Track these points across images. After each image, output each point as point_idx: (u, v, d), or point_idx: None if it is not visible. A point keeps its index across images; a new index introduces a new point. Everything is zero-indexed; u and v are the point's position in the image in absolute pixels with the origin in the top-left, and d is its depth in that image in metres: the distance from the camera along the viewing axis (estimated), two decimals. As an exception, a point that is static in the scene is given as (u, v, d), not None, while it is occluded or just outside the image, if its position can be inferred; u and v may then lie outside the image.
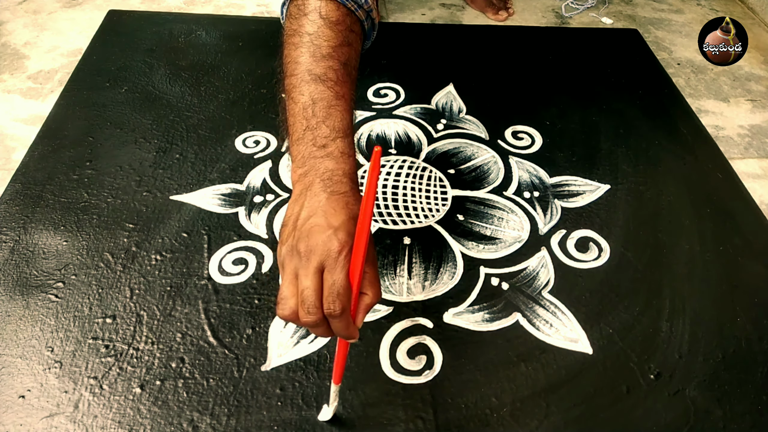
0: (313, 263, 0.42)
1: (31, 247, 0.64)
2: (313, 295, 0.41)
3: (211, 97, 0.87)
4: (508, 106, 0.91)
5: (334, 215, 0.44)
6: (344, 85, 0.53)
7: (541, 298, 0.64)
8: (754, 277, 0.68)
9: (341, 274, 0.41)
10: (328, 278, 0.41)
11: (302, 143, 0.49)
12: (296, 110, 0.51)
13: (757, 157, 0.87)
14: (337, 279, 0.41)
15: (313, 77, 0.52)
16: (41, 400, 0.52)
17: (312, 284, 0.41)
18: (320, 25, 0.54)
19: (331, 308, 0.41)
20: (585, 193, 0.77)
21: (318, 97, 0.51)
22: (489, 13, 1.14)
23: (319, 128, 0.49)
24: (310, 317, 0.41)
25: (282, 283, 0.43)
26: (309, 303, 0.41)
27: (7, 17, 1.04)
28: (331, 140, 0.49)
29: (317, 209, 0.44)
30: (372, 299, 0.43)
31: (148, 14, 1.05)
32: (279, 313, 0.43)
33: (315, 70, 0.52)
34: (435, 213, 0.72)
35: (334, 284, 0.41)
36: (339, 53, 0.54)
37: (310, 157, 0.48)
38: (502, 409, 0.54)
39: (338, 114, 0.50)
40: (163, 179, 0.73)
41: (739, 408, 0.56)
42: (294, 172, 0.50)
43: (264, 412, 0.52)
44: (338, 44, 0.54)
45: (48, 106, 0.84)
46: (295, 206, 0.46)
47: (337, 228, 0.42)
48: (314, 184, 0.46)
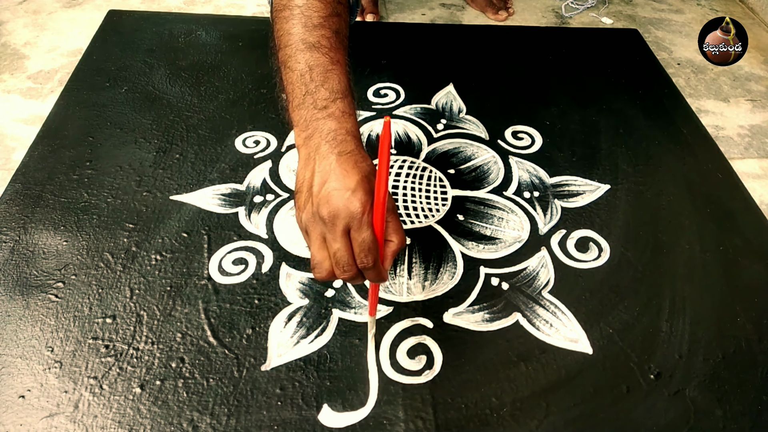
0: (340, 227, 0.45)
1: (31, 247, 0.64)
2: (345, 254, 0.45)
3: (211, 97, 0.87)
4: (508, 106, 0.91)
5: (348, 177, 0.45)
6: (338, 51, 0.55)
7: (541, 298, 0.64)
8: (754, 277, 0.68)
9: (368, 232, 0.44)
10: (356, 237, 0.45)
11: (303, 108, 0.51)
12: (294, 78, 0.53)
13: (757, 157, 0.87)
14: (366, 236, 0.44)
15: (308, 45, 0.54)
16: (41, 400, 0.52)
17: (342, 245, 0.45)
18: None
19: (364, 262, 0.45)
20: (585, 193, 0.77)
21: (314, 63, 0.53)
22: (489, 13, 1.14)
23: (318, 92, 0.51)
24: (347, 274, 0.46)
25: (312, 248, 0.47)
26: (344, 262, 0.45)
27: (7, 17, 1.04)
28: (332, 101, 0.51)
29: (329, 173, 0.46)
30: (397, 245, 0.47)
31: (148, 14, 1.05)
32: (317, 276, 0.47)
33: (309, 39, 0.54)
34: (435, 213, 0.72)
35: (363, 241, 0.44)
36: (330, 22, 0.56)
37: (312, 120, 0.50)
38: (502, 409, 0.54)
39: (335, 77, 0.52)
40: (163, 179, 0.73)
41: (739, 408, 0.56)
42: (298, 136, 0.51)
43: (264, 412, 0.52)
44: (328, 14, 0.57)
45: (48, 106, 0.84)
46: (306, 171, 0.48)
47: (354, 189, 0.45)
48: (320, 146, 0.48)
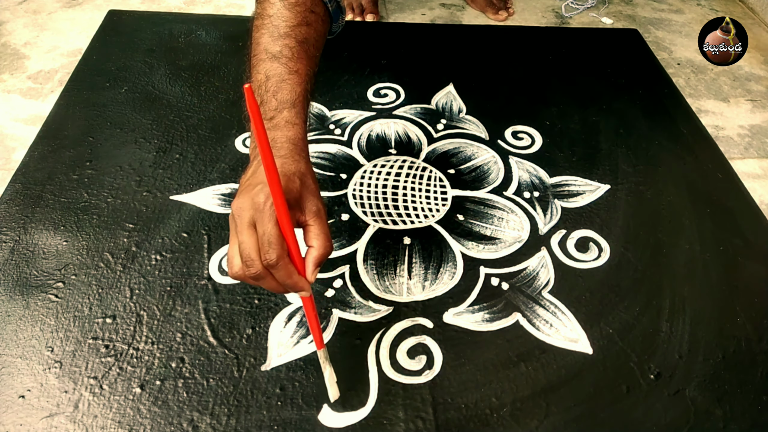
0: (245, 219, 0.43)
1: (31, 247, 0.64)
2: (248, 247, 0.43)
3: (211, 97, 0.87)
4: (508, 106, 0.91)
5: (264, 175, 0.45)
6: (299, 61, 0.55)
7: (541, 298, 0.64)
8: (754, 277, 0.68)
9: (269, 224, 0.42)
10: (259, 230, 0.43)
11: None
12: (253, 88, 0.54)
13: (757, 157, 0.87)
14: (267, 228, 0.42)
15: (269, 56, 0.55)
16: (41, 400, 0.52)
17: (247, 238, 0.43)
18: (279, 8, 0.58)
19: (267, 257, 0.42)
20: (585, 193, 0.77)
21: (272, 73, 0.54)
22: (489, 13, 1.14)
23: (269, 102, 0.52)
24: (251, 270, 0.43)
25: (229, 245, 0.46)
26: (246, 256, 0.43)
27: (7, 17, 1.04)
28: (278, 112, 0.51)
29: (255, 173, 0.47)
30: (319, 251, 0.44)
31: (148, 14, 1.05)
32: (230, 272, 0.45)
33: (271, 49, 0.56)
34: (435, 213, 0.72)
35: (264, 234, 0.42)
36: (296, 32, 0.57)
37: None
38: (502, 409, 0.54)
39: (288, 87, 0.53)
40: (163, 179, 0.73)
41: (739, 408, 0.56)
42: (250, 145, 0.53)
43: (264, 412, 0.52)
44: (296, 24, 0.58)
45: (48, 106, 0.84)
46: (243, 175, 0.50)
47: (265, 183, 0.43)
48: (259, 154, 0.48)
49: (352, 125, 0.84)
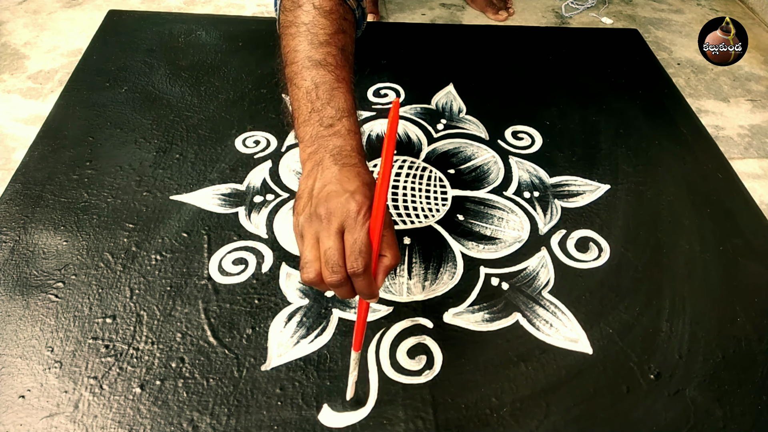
0: (334, 225, 0.43)
1: (31, 247, 0.64)
2: (336, 254, 0.43)
3: (211, 97, 0.87)
4: (508, 106, 0.91)
5: (348, 182, 0.45)
6: (343, 69, 0.56)
7: (541, 298, 0.64)
8: (754, 277, 0.68)
9: (362, 233, 0.43)
10: (349, 238, 0.43)
11: (309, 124, 0.52)
12: (300, 95, 0.54)
13: (757, 157, 0.87)
14: (359, 237, 0.43)
15: (314, 63, 0.55)
16: (41, 400, 0.52)
17: (335, 244, 0.43)
18: (315, 15, 0.57)
19: (354, 266, 0.42)
20: (585, 193, 0.77)
21: (320, 80, 0.53)
22: (489, 13, 1.14)
23: (324, 109, 0.52)
24: (334, 276, 0.43)
25: (303, 248, 0.45)
26: (333, 262, 0.43)
27: (7, 17, 1.04)
28: (337, 119, 0.51)
29: (331, 179, 0.46)
30: (391, 260, 0.45)
31: (148, 14, 1.05)
32: (304, 277, 0.44)
33: (315, 56, 0.55)
34: (435, 213, 0.72)
35: (355, 242, 0.43)
36: (335, 40, 0.57)
37: (318, 137, 0.50)
38: (502, 409, 0.54)
39: (341, 95, 0.53)
40: (163, 179, 0.73)
41: (739, 408, 0.56)
42: (303, 151, 0.52)
43: (264, 412, 0.52)
44: (334, 31, 0.57)
45: (48, 106, 0.84)
46: (308, 180, 0.48)
47: (353, 192, 0.44)
48: (324, 159, 0.48)
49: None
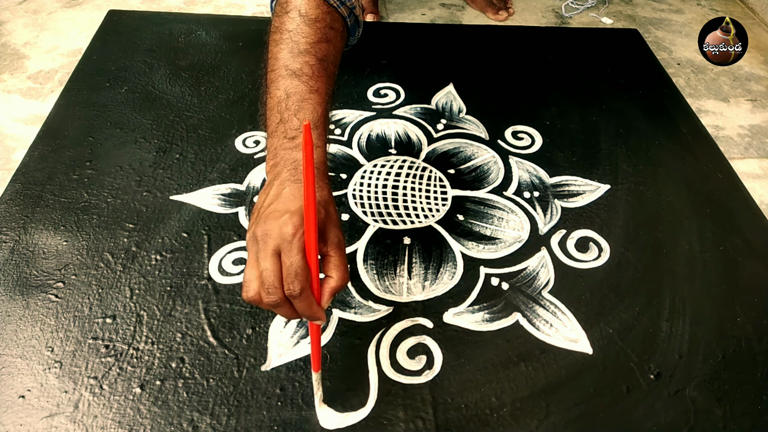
0: (270, 246, 0.43)
1: (31, 247, 0.64)
2: (271, 275, 0.43)
3: (211, 97, 0.87)
4: (508, 106, 0.91)
5: (292, 201, 0.45)
6: (319, 79, 0.55)
7: (541, 298, 0.64)
8: (754, 277, 0.68)
9: (297, 256, 0.42)
10: (285, 261, 0.43)
11: (275, 136, 0.52)
12: (272, 104, 0.54)
13: (757, 157, 0.87)
14: (294, 260, 0.42)
15: (289, 72, 0.54)
16: (41, 400, 0.52)
17: (270, 266, 0.43)
18: (299, 23, 0.57)
19: (290, 288, 0.42)
20: (585, 193, 0.77)
21: (292, 91, 0.53)
22: (489, 13, 1.14)
23: (290, 121, 0.51)
24: (271, 297, 0.43)
25: (246, 267, 0.45)
26: (268, 284, 0.43)
27: (7, 17, 1.04)
28: (301, 132, 0.51)
29: (278, 196, 0.46)
30: (336, 282, 0.45)
31: (148, 14, 1.05)
32: (244, 296, 0.44)
33: (291, 66, 0.55)
34: (435, 213, 0.72)
35: (291, 266, 0.42)
36: (316, 49, 0.56)
37: (280, 149, 0.50)
38: (502, 409, 0.54)
39: (310, 107, 0.52)
40: (163, 179, 0.73)
41: (739, 408, 0.56)
42: (267, 163, 0.52)
43: (264, 412, 0.52)
44: (316, 41, 0.57)
45: (48, 106, 0.84)
46: (262, 195, 0.49)
47: (292, 212, 0.44)
48: (281, 173, 0.49)
49: (352, 125, 0.84)
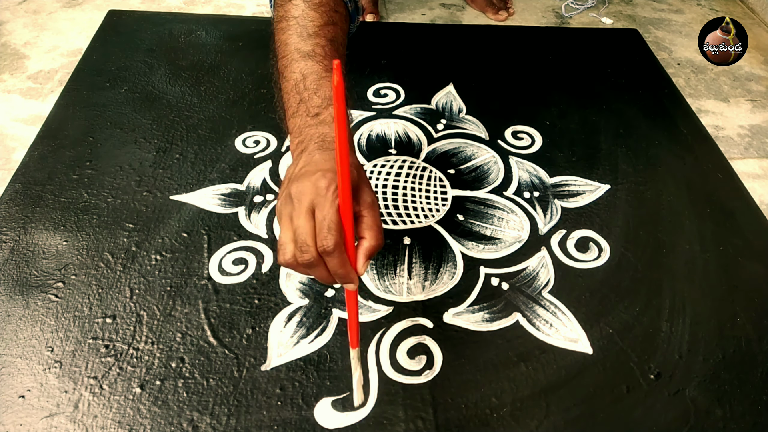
0: (305, 204, 0.42)
1: (31, 247, 0.64)
2: (305, 232, 0.42)
3: (211, 97, 0.87)
4: (508, 106, 0.91)
5: (323, 162, 0.45)
6: (332, 58, 0.55)
7: (541, 298, 0.64)
8: (754, 277, 0.68)
9: (331, 210, 0.41)
10: (318, 215, 0.42)
11: (297, 116, 0.52)
12: (289, 87, 0.54)
13: (757, 157, 0.87)
14: (327, 214, 0.41)
15: (302, 54, 0.55)
16: (41, 400, 0.52)
17: (304, 223, 0.42)
18: (304, 9, 0.58)
19: (323, 244, 0.41)
20: (585, 193, 0.77)
21: (308, 71, 0.54)
22: (489, 13, 1.14)
23: (311, 99, 0.52)
24: (304, 256, 0.42)
25: (280, 231, 0.44)
26: (302, 241, 0.42)
27: (7, 17, 1.04)
28: (323, 108, 0.51)
29: (309, 162, 0.46)
30: (371, 242, 0.43)
31: (148, 14, 1.05)
32: (279, 259, 0.44)
33: (303, 48, 0.56)
34: (435, 213, 0.72)
35: (324, 219, 0.41)
36: (325, 31, 0.58)
37: (304, 126, 0.51)
38: (502, 409, 0.54)
39: (328, 84, 0.52)
40: (163, 179, 0.73)
41: (739, 408, 0.56)
42: (291, 143, 0.52)
43: (264, 412, 0.52)
44: (323, 24, 0.58)
45: (48, 106, 0.84)
46: (291, 167, 0.48)
47: (325, 170, 0.43)
48: (309, 146, 0.48)
49: (352, 125, 0.84)
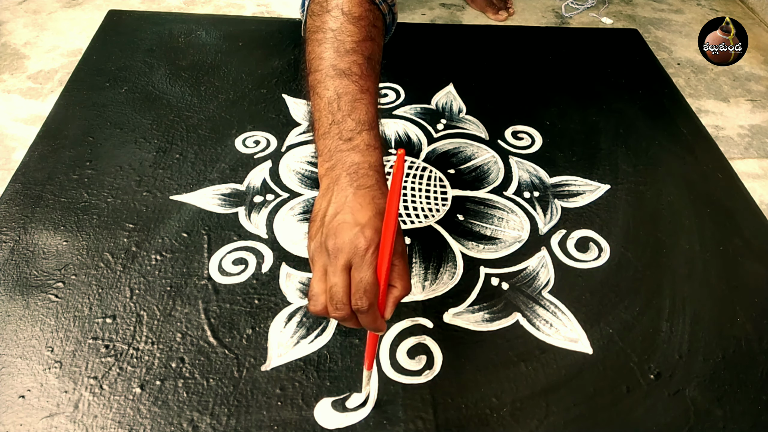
0: (341, 261, 0.43)
1: (31, 247, 0.64)
2: (341, 291, 0.43)
3: (211, 97, 0.87)
4: (508, 106, 0.91)
5: (361, 211, 0.44)
6: (368, 78, 0.54)
7: (541, 298, 0.64)
8: (754, 277, 0.68)
9: (368, 272, 0.42)
10: (355, 275, 0.42)
11: (328, 137, 0.50)
12: (321, 105, 0.52)
13: (757, 157, 0.87)
14: (365, 276, 0.42)
15: (338, 72, 0.53)
16: (41, 400, 0.52)
17: (340, 281, 0.43)
18: (343, 21, 0.55)
19: (358, 305, 0.42)
20: (585, 193, 0.77)
21: (343, 91, 0.52)
22: (489, 13, 1.14)
23: (344, 122, 0.50)
24: (338, 312, 0.43)
25: (312, 279, 0.45)
26: (337, 299, 0.43)
27: (7, 17, 1.04)
28: (357, 133, 0.49)
29: (344, 205, 0.45)
30: (401, 292, 0.44)
31: (148, 14, 1.05)
32: (311, 309, 0.45)
33: (339, 65, 0.53)
34: (435, 213, 0.72)
35: (361, 281, 0.42)
36: (362, 48, 0.55)
37: (336, 151, 0.49)
38: (502, 409, 0.54)
39: (363, 107, 0.51)
40: (163, 179, 0.73)
41: (739, 408, 0.56)
42: (321, 166, 0.50)
43: (264, 412, 0.52)
44: (361, 39, 0.55)
45: (48, 106, 0.84)
46: (323, 201, 0.47)
47: (364, 225, 0.43)
48: (341, 177, 0.47)
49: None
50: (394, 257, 0.44)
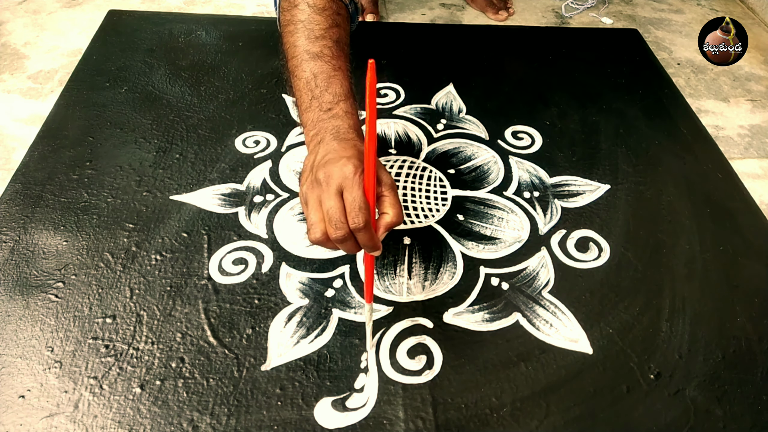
0: (333, 186, 0.47)
1: (31, 247, 0.64)
2: (338, 212, 0.47)
3: (211, 97, 0.87)
4: (508, 106, 0.91)
5: (345, 150, 0.50)
6: (339, 59, 0.60)
7: (541, 298, 0.64)
8: (754, 277, 0.68)
9: (359, 192, 0.47)
10: (348, 197, 0.47)
11: (310, 111, 0.57)
12: (301, 85, 0.59)
13: (757, 157, 0.87)
14: (356, 196, 0.47)
15: (311, 55, 0.60)
16: (41, 400, 0.52)
17: (335, 203, 0.47)
18: (309, 13, 0.63)
19: (355, 222, 0.46)
20: (585, 193, 0.77)
21: (318, 71, 0.59)
22: (489, 13, 1.14)
23: (323, 96, 0.57)
24: (339, 232, 0.47)
25: (308, 212, 0.49)
26: (336, 219, 0.47)
27: (7, 17, 1.04)
28: (335, 104, 0.56)
29: (329, 150, 0.51)
30: (392, 218, 0.49)
31: (148, 14, 1.05)
32: (311, 237, 0.49)
33: (312, 50, 0.60)
34: (435, 213, 0.72)
35: (354, 200, 0.47)
36: (330, 33, 0.62)
37: (318, 121, 0.56)
38: (502, 409, 0.54)
39: (338, 82, 0.58)
40: (163, 179, 0.73)
41: (739, 408, 0.56)
42: (306, 135, 0.57)
43: (264, 412, 0.52)
44: (328, 26, 0.63)
45: (48, 106, 0.84)
46: (311, 156, 0.53)
47: (349, 157, 0.48)
48: (325, 137, 0.53)
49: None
50: (384, 188, 0.49)
